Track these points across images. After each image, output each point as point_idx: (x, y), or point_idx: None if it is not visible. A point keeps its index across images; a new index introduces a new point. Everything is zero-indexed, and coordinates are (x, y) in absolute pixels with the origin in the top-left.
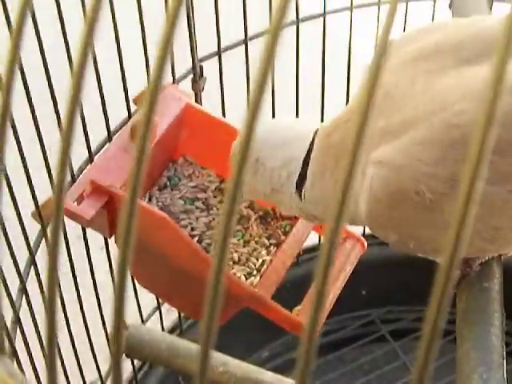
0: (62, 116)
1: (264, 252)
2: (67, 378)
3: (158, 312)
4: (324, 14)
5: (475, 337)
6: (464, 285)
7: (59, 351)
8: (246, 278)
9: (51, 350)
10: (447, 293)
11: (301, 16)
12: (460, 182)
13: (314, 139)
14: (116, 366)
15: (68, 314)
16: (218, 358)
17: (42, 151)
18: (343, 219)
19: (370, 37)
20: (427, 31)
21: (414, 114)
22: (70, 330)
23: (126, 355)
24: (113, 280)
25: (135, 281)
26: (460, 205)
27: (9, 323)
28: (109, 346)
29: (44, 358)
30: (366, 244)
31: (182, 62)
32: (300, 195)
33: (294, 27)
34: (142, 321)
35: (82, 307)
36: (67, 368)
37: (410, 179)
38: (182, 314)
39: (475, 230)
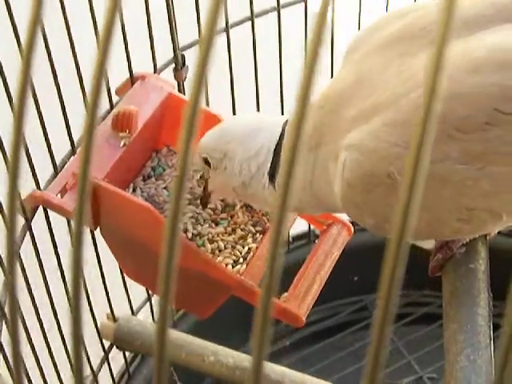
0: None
1: (250, 240)
2: (58, 372)
3: (148, 304)
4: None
5: (461, 318)
6: (449, 267)
7: (49, 346)
8: (233, 266)
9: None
10: (397, 276)
11: (282, 2)
12: (433, 164)
13: (284, 129)
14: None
15: (56, 309)
16: (208, 347)
17: (24, 146)
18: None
19: (353, 21)
20: (398, 15)
21: (384, 97)
22: (58, 324)
23: (117, 347)
24: (101, 273)
25: (124, 273)
26: (405, 186)
27: None
28: (100, 339)
29: (32, 351)
30: (352, 229)
31: (164, 51)
32: (274, 186)
33: (275, 13)
34: (133, 313)
35: (70, 301)
36: (57, 363)
37: (381, 161)
38: (174, 305)
39: (447, 209)
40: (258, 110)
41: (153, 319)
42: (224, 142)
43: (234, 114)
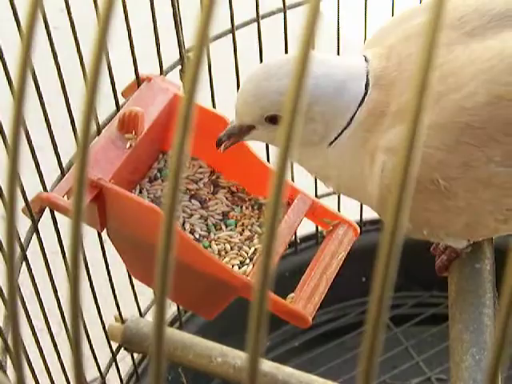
0: (48, 113)
1: (256, 240)
2: (66, 376)
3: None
4: None
5: (467, 318)
6: (455, 267)
7: (57, 349)
8: (239, 267)
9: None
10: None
11: (288, 3)
12: (473, 168)
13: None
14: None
15: (64, 311)
16: (216, 348)
17: (30, 147)
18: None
19: (359, 20)
20: (423, 8)
21: None
22: (66, 327)
23: (125, 348)
24: (109, 274)
25: (131, 275)
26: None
27: (1, 320)
28: (108, 341)
29: (40, 355)
30: (358, 229)
31: (170, 53)
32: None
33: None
34: (141, 314)
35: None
36: (66, 366)
37: (424, 167)
38: (181, 307)
39: (488, 211)
40: None
41: None
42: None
43: None
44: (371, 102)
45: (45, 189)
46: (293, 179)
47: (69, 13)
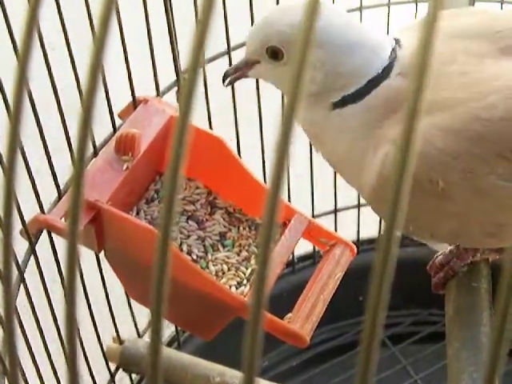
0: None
1: (253, 261)
2: None
3: None
4: None
5: (464, 337)
6: (452, 285)
7: (52, 365)
8: (237, 288)
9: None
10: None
11: None
12: (474, 176)
13: (392, 58)
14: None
15: (62, 333)
16: (214, 368)
17: (27, 169)
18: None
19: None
20: (467, 13)
21: (443, 96)
22: (62, 343)
23: (123, 369)
24: (106, 296)
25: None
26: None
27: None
28: (106, 361)
29: (37, 375)
30: (355, 249)
31: (166, 74)
32: (332, 109)
33: None
34: (139, 335)
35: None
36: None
37: (426, 166)
38: (179, 328)
39: (478, 222)
40: (261, 126)
41: None
42: (319, 42)
43: (237, 132)
44: (392, 89)
45: (42, 211)
46: (289, 200)
47: (65, 34)
